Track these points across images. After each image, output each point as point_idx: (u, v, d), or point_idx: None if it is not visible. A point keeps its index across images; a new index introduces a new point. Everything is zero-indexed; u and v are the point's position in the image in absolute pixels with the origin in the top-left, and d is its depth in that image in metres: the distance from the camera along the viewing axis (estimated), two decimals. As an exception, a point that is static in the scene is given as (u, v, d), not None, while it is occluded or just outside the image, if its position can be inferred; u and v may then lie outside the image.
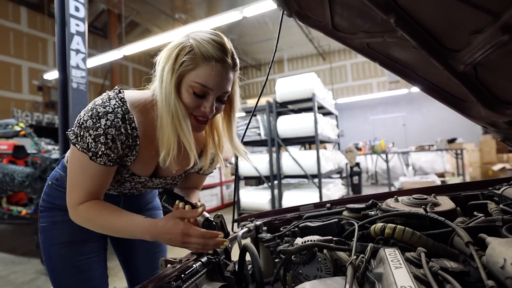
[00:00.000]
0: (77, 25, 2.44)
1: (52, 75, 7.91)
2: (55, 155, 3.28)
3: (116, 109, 0.77)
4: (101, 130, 0.75)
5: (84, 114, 0.77)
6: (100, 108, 0.76)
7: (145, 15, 9.37)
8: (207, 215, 0.84)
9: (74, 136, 0.78)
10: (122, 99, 0.80)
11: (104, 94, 0.82)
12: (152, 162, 0.90)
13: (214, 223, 0.82)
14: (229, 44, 0.80)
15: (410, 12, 0.63)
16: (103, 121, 0.75)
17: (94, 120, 0.75)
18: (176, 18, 8.81)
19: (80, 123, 0.77)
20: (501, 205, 0.71)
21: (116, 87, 0.85)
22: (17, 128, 3.61)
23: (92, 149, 0.76)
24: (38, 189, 3.21)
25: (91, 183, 0.81)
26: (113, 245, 1.18)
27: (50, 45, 9.46)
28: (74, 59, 2.42)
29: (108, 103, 0.77)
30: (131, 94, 0.85)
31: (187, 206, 0.82)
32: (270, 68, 1.08)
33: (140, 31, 10.66)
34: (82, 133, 0.76)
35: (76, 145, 0.77)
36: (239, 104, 0.93)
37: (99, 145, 0.76)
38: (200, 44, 0.76)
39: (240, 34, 10.34)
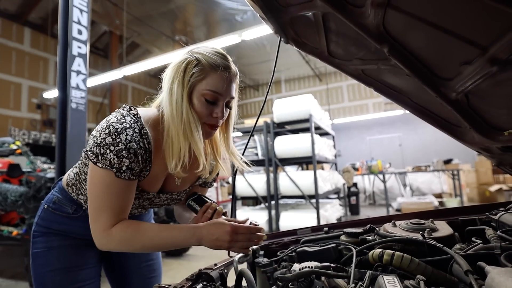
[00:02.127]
0: (79, 47, 2.49)
1: (52, 93, 7.98)
2: (51, 174, 3.24)
3: (133, 124, 0.79)
4: (122, 145, 0.76)
5: (101, 133, 0.77)
6: (117, 125, 0.77)
7: (146, 37, 9.61)
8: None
9: (94, 156, 0.76)
10: (136, 115, 0.82)
11: (115, 113, 0.82)
12: (161, 177, 0.91)
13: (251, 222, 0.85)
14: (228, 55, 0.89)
15: (403, 43, 0.65)
16: (123, 137, 0.76)
17: (114, 137, 0.76)
18: (176, 40, 9.05)
19: (99, 142, 0.76)
20: (498, 232, 0.71)
21: (125, 105, 0.86)
22: (14, 147, 3.59)
23: (115, 165, 0.76)
24: (31, 209, 3.15)
25: (117, 202, 0.79)
26: (106, 270, 1.15)
27: (51, 64, 9.61)
28: (74, 79, 2.45)
29: (124, 120, 0.79)
30: (141, 111, 0.87)
31: (219, 208, 0.88)
32: (267, 91, 1.11)
33: (141, 52, 10.89)
34: (102, 151, 0.75)
35: (98, 164, 0.76)
36: (236, 112, 0.98)
37: (123, 159, 0.76)
38: (206, 57, 0.83)
39: (239, 55, 10.59)
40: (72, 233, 0.96)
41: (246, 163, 1.00)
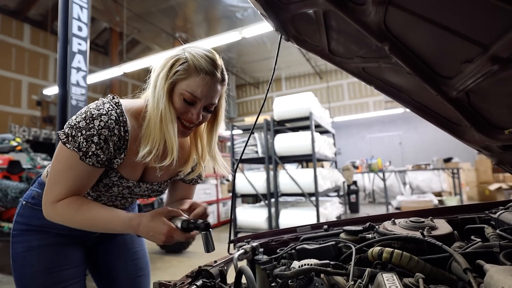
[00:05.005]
0: (79, 44, 2.49)
1: (52, 90, 7.97)
2: (51, 170, 3.25)
3: (110, 111, 0.81)
4: (94, 131, 0.78)
5: (77, 117, 0.80)
6: (94, 111, 0.80)
7: (146, 34, 9.58)
8: (185, 217, 0.83)
9: (64, 136, 0.79)
10: (117, 103, 0.85)
11: (98, 100, 0.85)
12: (140, 165, 0.93)
13: (192, 225, 0.79)
14: (220, 61, 0.88)
15: (404, 41, 0.65)
16: (96, 122, 0.78)
17: (88, 121, 0.78)
18: (177, 37, 9.02)
19: (73, 125, 0.79)
20: (497, 230, 0.71)
21: (110, 94, 0.88)
22: (14, 143, 3.59)
23: (83, 148, 0.78)
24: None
25: (75, 182, 0.81)
26: (91, 271, 1.13)
27: (51, 61, 9.59)
28: (74, 76, 2.45)
29: (102, 107, 0.81)
30: (125, 101, 0.89)
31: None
32: (268, 89, 1.11)
33: (141, 49, 10.86)
34: (74, 133, 0.78)
35: (67, 144, 0.79)
36: (223, 117, 0.98)
37: (91, 145, 0.78)
38: (194, 58, 0.84)
39: (239, 53, 10.56)
40: (53, 228, 0.94)
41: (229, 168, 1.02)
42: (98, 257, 1.11)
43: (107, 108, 0.81)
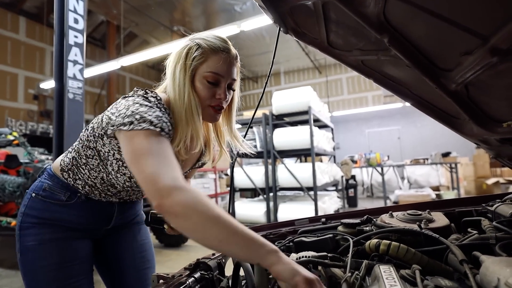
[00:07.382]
0: (76, 36, 2.46)
1: (48, 84, 7.91)
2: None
3: (158, 104, 0.80)
4: (159, 113, 0.75)
5: (129, 107, 0.74)
6: (145, 101, 0.77)
7: (144, 27, 9.48)
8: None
9: (129, 124, 0.70)
10: (157, 97, 0.82)
11: (134, 94, 0.81)
12: None
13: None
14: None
15: (403, 33, 0.65)
16: (154, 109, 0.76)
17: (147, 109, 0.74)
18: (175, 31, 8.93)
19: (130, 114, 0.72)
20: (494, 223, 0.72)
21: (136, 88, 0.84)
22: (11, 138, 3.57)
23: (158, 124, 0.72)
24: (29, 200, 3.16)
25: (174, 158, 0.69)
26: (99, 264, 1.10)
27: (48, 55, 9.50)
28: (71, 70, 2.43)
29: (148, 101, 0.78)
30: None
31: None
32: (266, 83, 1.10)
33: (139, 42, 10.75)
34: (138, 116, 0.71)
35: (137, 127, 0.70)
36: (238, 97, 1.00)
37: (162, 122, 0.74)
38: (206, 41, 0.86)
39: (238, 47, 10.35)
40: (65, 222, 0.92)
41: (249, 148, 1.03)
42: (107, 249, 1.09)
43: (154, 102, 0.78)
